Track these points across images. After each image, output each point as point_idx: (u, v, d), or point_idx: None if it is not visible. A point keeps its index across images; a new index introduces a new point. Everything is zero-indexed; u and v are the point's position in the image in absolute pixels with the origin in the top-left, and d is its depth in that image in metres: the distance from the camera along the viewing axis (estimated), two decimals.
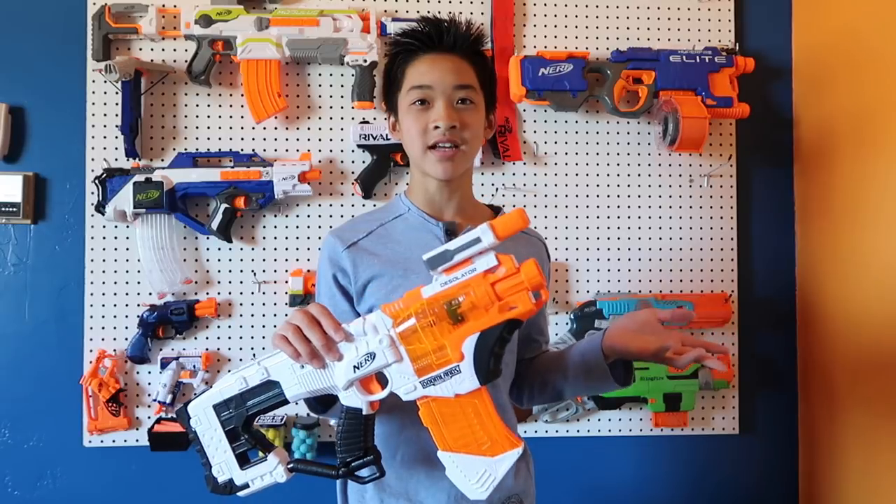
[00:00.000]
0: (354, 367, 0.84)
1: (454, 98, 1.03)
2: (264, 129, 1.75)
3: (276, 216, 1.75)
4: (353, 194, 1.76)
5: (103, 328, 1.70)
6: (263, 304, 1.74)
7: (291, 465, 0.89)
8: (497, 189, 1.79)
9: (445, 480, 1.01)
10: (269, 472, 0.89)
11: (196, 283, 1.72)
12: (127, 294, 1.71)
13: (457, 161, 1.04)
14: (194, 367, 1.69)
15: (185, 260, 1.71)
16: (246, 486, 0.89)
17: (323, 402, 0.96)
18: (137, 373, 1.71)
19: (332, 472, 0.88)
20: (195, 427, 0.90)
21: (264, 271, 1.74)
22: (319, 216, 1.76)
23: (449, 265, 0.80)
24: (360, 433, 0.87)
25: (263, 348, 1.73)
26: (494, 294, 0.79)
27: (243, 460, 0.89)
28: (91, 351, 1.69)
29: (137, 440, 1.70)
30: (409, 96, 1.05)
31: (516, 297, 0.79)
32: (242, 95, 1.71)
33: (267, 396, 0.88)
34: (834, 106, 1.75)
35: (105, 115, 1.71)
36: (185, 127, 1.74)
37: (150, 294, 1.70)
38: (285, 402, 0.88)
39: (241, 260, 1.74)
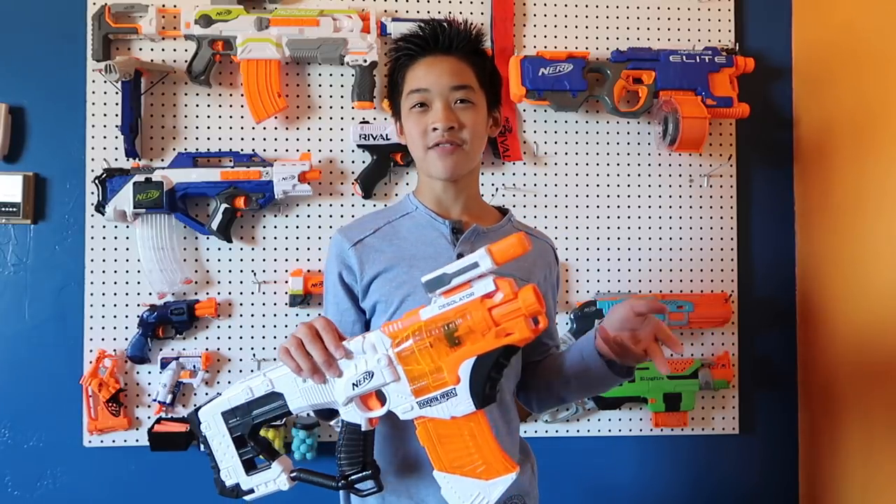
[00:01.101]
0: (353, 384, 0.85)
1: (452, 99, 1.04)
2: (264, 129, 1.75)
3: (276, 216, 1.75)
4: (353, 194, 1.76)
5: (103, 328, 1.70)
6: (263, 304, 1.74)
7: (294, 475, 0.91)
8: (497, 189, 1.79)
9: None
10: (273, 479, 0.91)
11: (196, 283, 1.72)
12: (127, 294, 1.71)
13: (457, 158, 1.05)
14: (194, 367, 1.69)
15: (185, 260, 1.71)
16: (251, 490, 0.92)
17: (327, 412, 0.97)
18: (137, 373, 1.71)
19: (332, 484, 0.90)
20: (205, 432, 0.92)
21: (264, 271, 1.74)
22: (319, 216, 1.76)
23: (447, 288, 0.80)
24: (359, 448, 0.88)
25: (263, 348, 1.73)
26: (491, 319, 0.79)
27: (250, 466, 0.92)
28: (91, 351, 1.69)
29: (137, 440, 1.70)
30: (409, 100, 1.06)
31: (513, 324, 0.79)
32: (242, 95, 1.71)
33: (271, 407, 0.90)
34: (834, 106, 1.75)
35: (105, 115, 1.71)
36: (185, 127, 1.74)
37: (150, 294, 1.70)
38: (289, 413, 0.90)
39: (241, 260, 1.74)
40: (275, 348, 1.73)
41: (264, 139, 1.75)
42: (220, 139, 1.75)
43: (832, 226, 1.75)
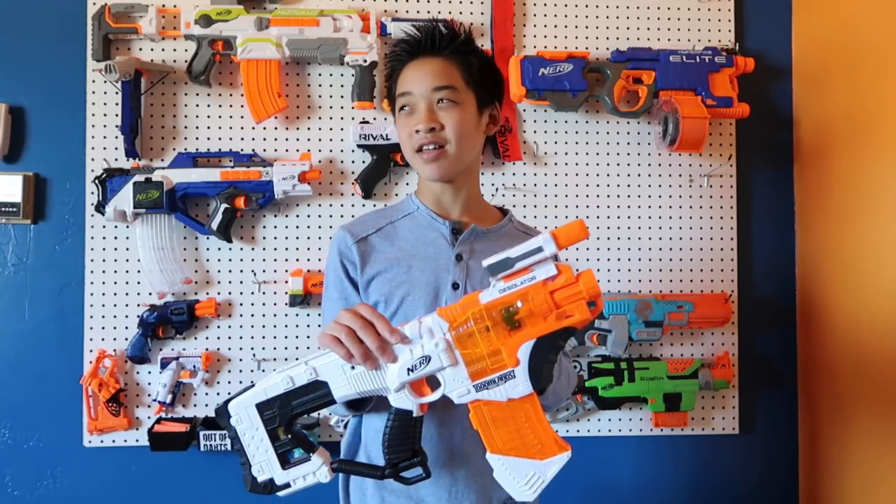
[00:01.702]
0: (409, 369, 0.85)
1: (434, 100, 1.06)
2: (264, 129, 1.75)
3: (276, 216, 1.75)
4: (353, 194, 1.76)
5: (103, 328, 1.70)
6: (263, 304, 1.74)
7: (336, 465, 0.90)
8: (497, 189, 1.79)
9: (446, 478, 1.01)
10: (313, 472, 0.89)
11: (196, 283, 1.72)
12: (127, 294, 1.71)
13: (442, 161, 1.06)
14: (194, 367, 1.69)
15: (185, 260, 1.71)
16: (287, 485, 0.89)
17: (357, 403, 0.96)
18: (137, 373, 1.71)
19: (376, 473, 0.89)
20: (235, 425, 0.89)
21: (264, 271, 1.74)
22: (319, 216, 1.76)
23: (509, 272, 0.81)
24: (408, 435, 0.87)
25: (263, 348, 1.73)
26: (553, 302, 0.81)
27: (284, 460, 0.89)
28: (91, 351, 1.69)
29: (137, 440, 1.70)
30: (398, 104, 1.09)
31: (574, 306, 0.81)
32: (242, 95, 1.71)
33: (313, 396, 0.88)
34: (834, 106, 1.75)
35: (105, 115, 1.71)
36: (185, 127, 1.74)
37: (150, 294, 1.70)
38: (331, 402, 0.88)
39: (241, 260, 1.74)
40: (275, 348, 1.73)
41: (264, 139, 1.75)
42: (220, 139, 1.74)
43: (832, 226, 1.75)
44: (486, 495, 1.06)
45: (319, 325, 1.71)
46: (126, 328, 1.70)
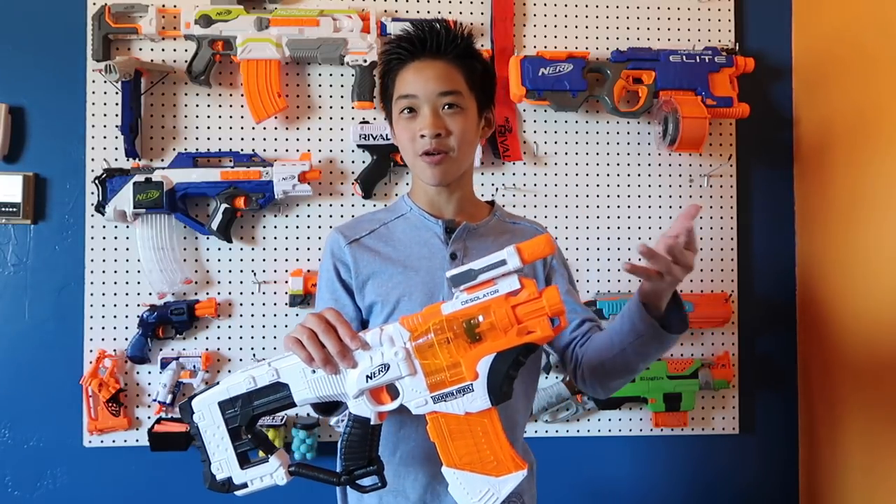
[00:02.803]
0: (367, 376, 0.84)
1: (439, 105, 1.04)
2: (264, 129, 1.75)
3: (276, 216, 1.75)
4: (353, 194, 1.76)
5: (103, 328, 1.70)
6: (263, 304, 1.74)
7: (293, 469, 0.89)
8: (497, 189, 1.79)
9: (444, 482, 1.01)
10: (270, 473, 0.88)
11: (196, 283, 1.72)
12: (127, 294, 1.71)
13: (446, 167, 1.05)
14: (194, 367, 1.69)
15: (185, 260, 1.71)
16: (244, 485, 0.89)
17: (327, 406, 0.96)
18: (137, 373, 1.71)
19: (333, 479, 0.88)
20: (198, 422, 0.88)
21: (264, 271, 1.74)
22: (319, 216, 1.76)
23: (471, 284, 0.81)
24: (365, 442, 0.87)
25: (263, 348, 1.73)
26: (514, 317, 0.80)
27: (244, 460, 0.89)
28: (91, 351, 1.69)
29: (137, 440, 1.70)
30: (398, 105, 1.07)
31: (536, 322, 0.80)
32: (242, 95, 1.71)
33: (274, 398, 0.87)
34: (834, 106, 1.75)
35: (105, 115, 1.71)
36: (185, 127, 1.74)
37: (150, 294, 1.70)
38: (292, 405, 0.88)
39: (241, 260, 1.74)
40: (275, 348, 1.73)
41: (264, 139, 1.75)
42: (220, 139, 1.74)
43: (832, 226, 1.75)
44: None
45: None
46: (126, 328, 1.70)
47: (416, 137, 1.05)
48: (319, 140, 1.77)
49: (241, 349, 1.73)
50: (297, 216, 1.75)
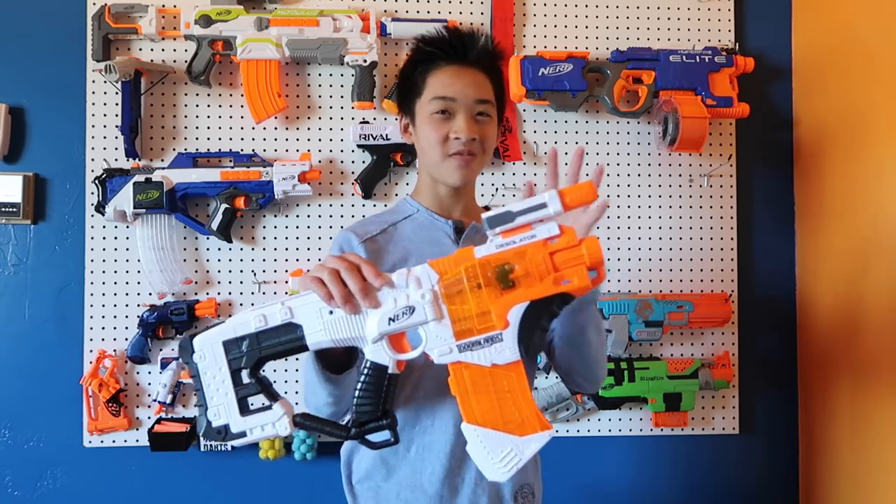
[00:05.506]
0: (390, 318, 0.78)
1: (474, 111, 1.08)
2: (264, 129, 1.75)
3: (276, 216, 1.75)
4: (353, 194, 1.76)
5: (103, 328, 1.70)
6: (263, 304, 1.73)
7: (298, 419, 0.81)
8: (497, 189, 1.79)
9: (461, 476, 1.00)
10: (272, 422, 0.80)
11: (196, 283, 1.72)
12: (127, 294, 1.71)
13: (473, 169, 1.10)
14: None
15: (185, 260, 1.71)
16: (242, 434, 0.81)
17: (333, 364, 0.91)
18: (137, 373, 1.71)
19: (341, 433, 0.81)
20: (197, 362, 0.81)
21: (264, 271, 1.74)
22: (319, 216, 1.76)
23: (508, 227, 0.76)
24: (380, 392, 0.80)
25: None
26: (552, 264, 0.75)
27: (244, 407, 0.81)
28: (91, 351, 1.69)
29: (137, 440, 1.70)
30: (431, 105, 1.08)
31: (573, 271, 0.75)
32: (242, 95, 1.71)
33: (285, 339, 0.81)
34: (834, 105, 1.75)
35: (105, 115, 1.71)
36: (185, 127, 1.74)
37: (150, 294, 1.70)
38: (304, 348, 0.81)
39: (241, 260, 1.74)
40: None
41: (264, 139, 1.75)
42: (220, 139, 1.74)
43: (832, 226, 1.75)
44: (497, 490, 1.07)
45: None
46: (126, 328, 1.70)
47: (448, 139, 1.07)
48: (319, 140, 1.77)
49: None
50: (297, 216, 1.75)
